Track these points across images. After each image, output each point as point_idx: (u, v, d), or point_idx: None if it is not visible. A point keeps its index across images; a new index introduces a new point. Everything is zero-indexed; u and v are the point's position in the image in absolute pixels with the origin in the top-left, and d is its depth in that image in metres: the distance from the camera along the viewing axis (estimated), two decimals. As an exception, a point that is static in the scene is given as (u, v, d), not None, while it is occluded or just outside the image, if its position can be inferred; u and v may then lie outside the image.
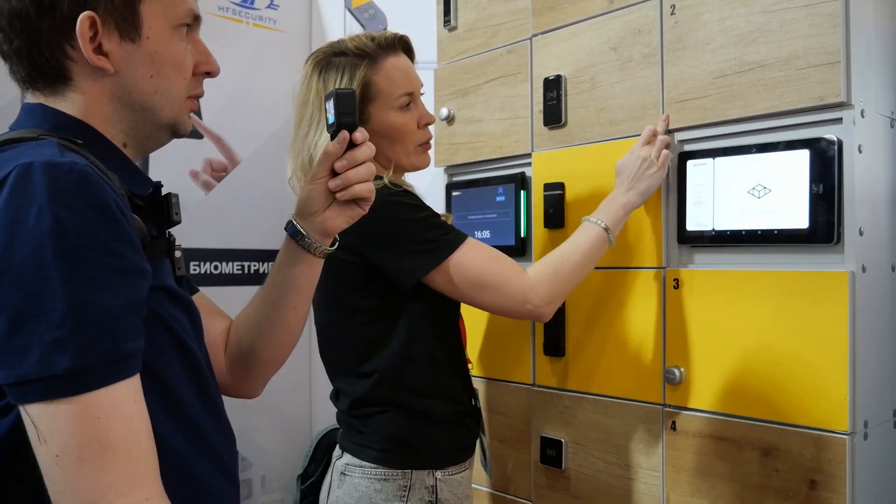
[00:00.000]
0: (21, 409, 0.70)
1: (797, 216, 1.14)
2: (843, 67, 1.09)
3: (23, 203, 0.70)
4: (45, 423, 0.69)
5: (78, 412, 0.69)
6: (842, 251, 1.11)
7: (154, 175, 0.93)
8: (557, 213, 1.46)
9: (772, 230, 1.17)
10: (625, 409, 1.36)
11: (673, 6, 1.28)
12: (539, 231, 1.51)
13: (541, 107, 1.50)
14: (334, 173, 1.02)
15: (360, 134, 1.01)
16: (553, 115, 1.47)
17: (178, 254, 0.92)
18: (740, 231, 1.20)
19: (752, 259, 1.21)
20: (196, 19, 0.90)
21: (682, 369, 1.26)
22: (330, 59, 1.32)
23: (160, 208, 0.90)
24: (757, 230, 1.18)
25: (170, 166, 1.97)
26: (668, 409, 1.29)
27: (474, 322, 1.63)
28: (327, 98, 1.04)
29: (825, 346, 1.10)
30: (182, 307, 0.88)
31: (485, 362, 1.63)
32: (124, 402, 0.72)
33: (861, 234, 1.11)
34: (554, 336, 1.46)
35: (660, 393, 1.30)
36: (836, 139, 1.10)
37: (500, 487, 1.59)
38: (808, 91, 1.12)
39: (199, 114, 2.09)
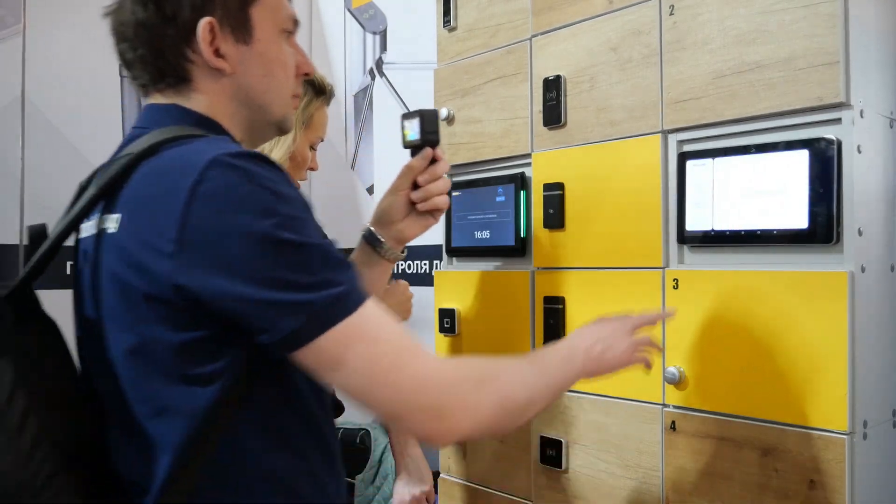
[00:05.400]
0: (298, 353, 0.77)
1: (796, 216, 1.14)
2: (842, 68, 1.09)
3: (246, 178, 0.76)
4: (330, 352, 0.77)
5: (355, 330, 0.78)
6: (841, 251, 1.11)
7: None
8: (557, 214, 1.46)
9: (771, 230, 1.17)
10: (625, 409, 1.36)
11: (672, 6, 1.28)
12: (539, 231, 1.51)
13: (540, 107, 1.50)
14: (415, 186, 1.13)
15: (440, 151, 1.13)
16: (553, 115, 1.47)
17: None
18: (740, 231, 1.20)
19: (752, 259, 1.21)
20: (296, 24, 0.97)
21: (681, 369, 1.26)
22: None
23: None
24: (756, 230, 1.18)
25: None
26: (667, 409, 1.30)
27: (472, 320, 1.64)
28: (409, 116, 1.14)
29: (824, 346, 1.10)
30: None
31: (485, 362, 1.63)
32: (377, 308, 0.81)
33: (860, 234, 1.11)
34: (554, 336, 1.46)
35: (659, 393, 1.31)
36: (835, 139, 1.10)
37: (500, 487, 1.59)
38: (808, 91, 1.12)
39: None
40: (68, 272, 2.40)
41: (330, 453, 0.91)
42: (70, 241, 0.89)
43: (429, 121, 1.12)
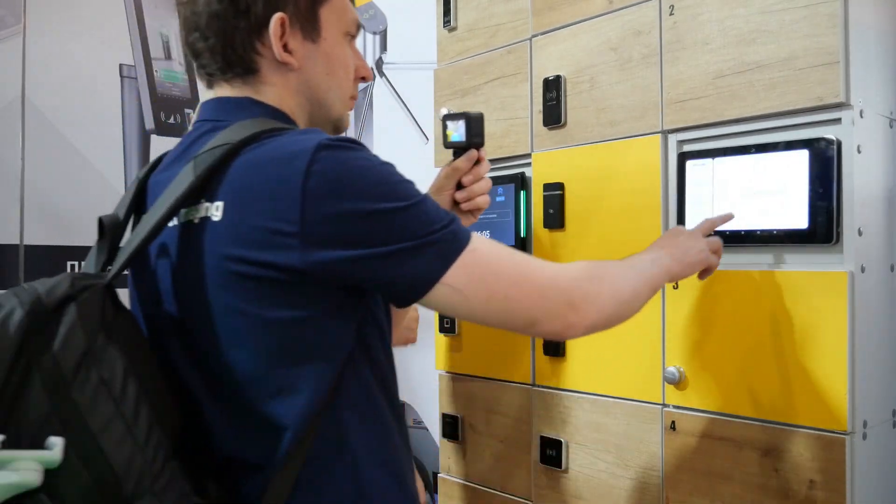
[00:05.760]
0: (432, 292, 0.83)
1: (796, 216, 1.14)
2: (842, 68, 1.09)
3: (352, 157, 0.83)
4: (459, 283, 0.83)
5: (475, 256, 0.85)
6: (841, 251, 1.11)
7: None
8: (557, 214, 1.46)
9: (771, 230, 1.17)
10: (625, 409, 1.36)
11: (672, 6, 1.28)
12: (539, 231, 1.51)
13: (540, 107, 1.50)
14: (459, 186, 1.17)
15: (483, 152, 1.21)
16: (553, 115, 1.47)
17: None
18: (740, 231, 1.20)
19: (752, 259, 1.21)
20: (358, 29, 1.01)
21: (681, 369, 1.26)
22: None
23: None
24: (756, 230, 1.18)
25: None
26: (667, 409, 1.30)
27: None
28: (453, 118, 1.18)
29: (824, 346, 1.10)
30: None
31: (484, 362, 1.63)
32: (483, 237, 0.88)
33: (860, 234, 1.11)
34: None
35: (659, 393, 1.31)
36: (835, 139, 1.10)
37: (500, 487, 1.59)
38: (808, 91, 1.12)
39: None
40: (68, 272, 2.38)
41: (404, 426, 0.97)
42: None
43: (475, 123, 1.17)
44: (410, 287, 0.83)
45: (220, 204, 0.82)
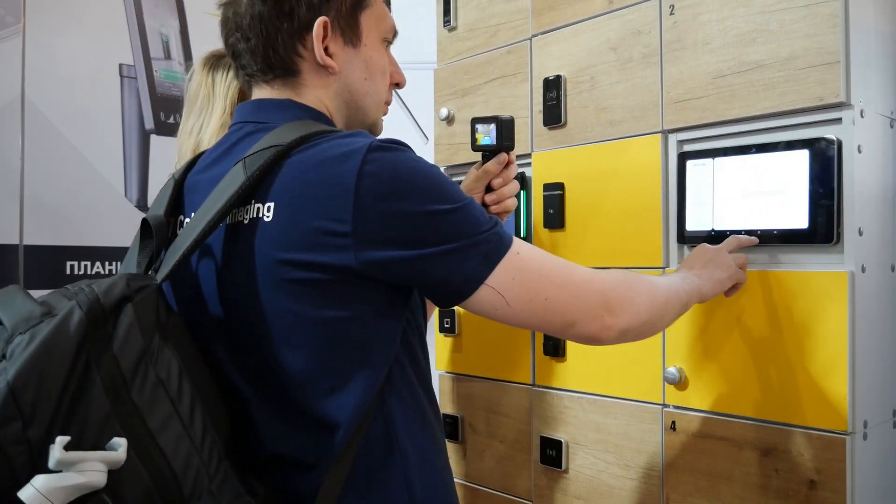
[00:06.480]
0: (473, 297, 0.85)
1: (797, 216, 1.14)
2: (842, 67, 1.09)
3: (404, 158, 0.84)
4: (501, 285, 0.85)
5: (518, 259, 0.86)
6: (841, 251, 1.11)
7: None
8: (557, 214, 1.46)
9: (771, 230, 1.17)
10: (625, 409, 1.36)
11: (672, 6, 1.28)
12: (539, 231, 1.51)
13: (540, 107, 1.50)
14: (487, 189, 1.22)
15: (512, 156, 1.23)
16: (553, 115, 1.47)
17: None
18: (740, 231, 1.20)
19: (752, 259, 1.21)
20: (395, 35, 1.03)
21: (681, 369, 1.26)
22: (220, 60, 1.40)
23: None
24: (756, 230, 1.18)
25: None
26: (667, 409, 1.30)
27: (472, 320, 1.64)
28: (483, 121, 1.20)
29: (825, 346, 1.10)
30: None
31: (485, 362, 1.63)
32: (521, 240, 0.90)
33: (860, 234, 1.11)
34: (553, 337, 1.46)
35: (659, 393, 1.30)
36: (835, 139, 1.10)
37: (500, 487, 1.59)
38: (808, 91, 1.12)
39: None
40: (68, 272, 2.36)
41: (441, 425, 0.98)
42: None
43: (507, 127, 1.19)
44: (458, 287, 0.85)
45: (271, 205, 0.83)
